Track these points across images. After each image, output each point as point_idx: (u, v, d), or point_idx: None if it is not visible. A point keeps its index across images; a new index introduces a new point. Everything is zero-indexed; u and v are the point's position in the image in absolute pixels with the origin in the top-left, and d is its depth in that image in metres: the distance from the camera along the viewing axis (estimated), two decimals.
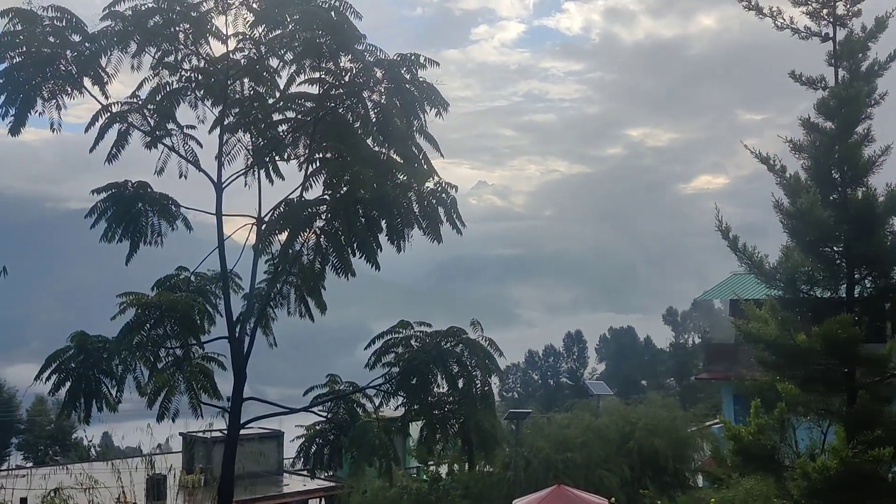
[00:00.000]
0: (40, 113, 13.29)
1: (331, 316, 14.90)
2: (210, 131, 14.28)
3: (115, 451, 54.14)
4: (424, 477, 27.60)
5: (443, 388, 13.17)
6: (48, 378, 13.73)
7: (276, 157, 14.32)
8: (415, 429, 14.55)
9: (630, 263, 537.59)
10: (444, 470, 27.34)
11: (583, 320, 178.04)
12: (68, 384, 13.57)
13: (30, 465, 54.04)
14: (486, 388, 13.20)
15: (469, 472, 24.20)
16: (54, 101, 13.38)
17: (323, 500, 34.07)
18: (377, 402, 14.00)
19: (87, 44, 13.21)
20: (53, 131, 13.63)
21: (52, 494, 15.26)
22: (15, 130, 13.09)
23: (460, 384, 13.01)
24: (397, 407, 13.79)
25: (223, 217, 13.96)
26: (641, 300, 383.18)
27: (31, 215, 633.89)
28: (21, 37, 12.87)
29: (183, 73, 13.82)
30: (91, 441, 63.60)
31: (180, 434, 32.05)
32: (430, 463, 27.57)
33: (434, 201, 12.87)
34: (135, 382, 13.74)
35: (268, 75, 13.80)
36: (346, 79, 12.87)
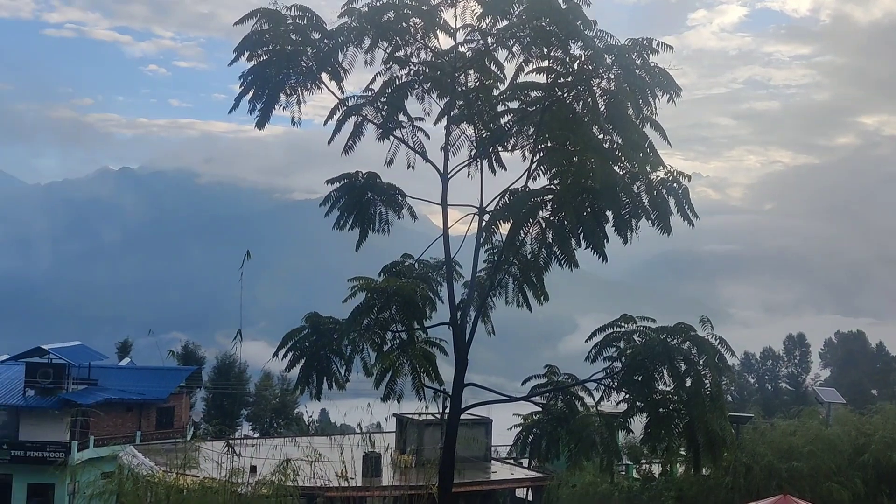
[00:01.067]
0: (284, 107, 14.27)
1: (534, 307, 14.91)
2: (435, 123, 14.70)
3: (331, 427, 57.60)
4: (636, 475, 26.93)
5: (668, 385, 12.74)
6: (284, 356, 14.72)
7: (500, 148, 14.47)
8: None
9: (861, 262, 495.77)
10: (656, 469, 26.53)
11: (805, 322, 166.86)
12: (302, 362, 14.48)
13: (256, 435, 58.43)
14: (716, 389, 12.61)
15: (685, 475, 23.30)
16: (294, 96, 14.29)
17: (530, 490, 34.19)
18: (597, 396, 13.78)
19: (325, 40, 13.99)
20: (294, 124, 14.56)
21: (285, 464, 16.38)
22: (261, 124, 14.11)
23: (687, 383, 12.52)
24: (618, 403, 13.52)
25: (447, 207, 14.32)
26: (873, 302, 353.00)
27: (262, 205, 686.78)
28: (268, 36, 13.84)
29: (412, 66, 14.31)
30: (311, 416, 67.87)
31: (394, 415, 33.34)
32: (641, 461, 26.85)
33: (664, 191, 12.45)
34: (362, 363, 14.44)
35: (494, 66, 13.96)
36: (575, 67, 12.73)
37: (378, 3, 13.45)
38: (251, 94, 13.93)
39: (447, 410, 14.76)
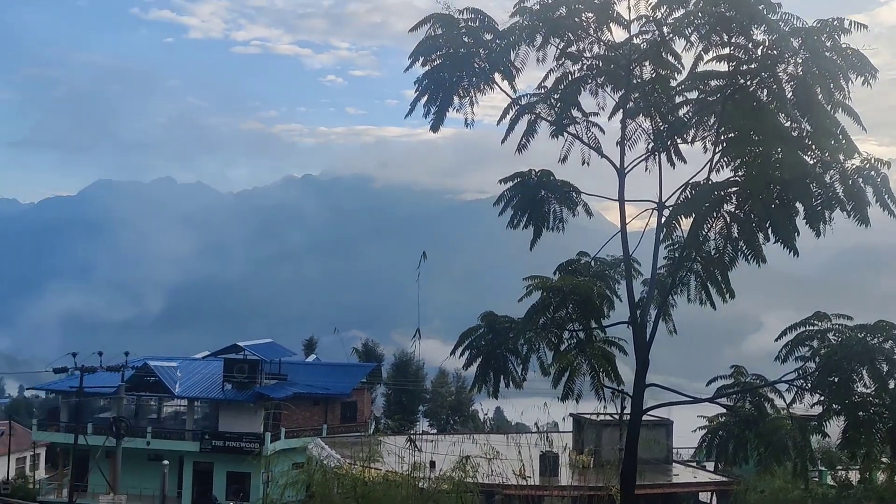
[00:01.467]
0: (457, 109, 14.49)
1: (718, 305, 14.28)
2: (610, 117, 14.42)
3: (506, 425, 57.94)
4: (830, 482, 25.30)
5: (868, 387, 11.84)
6: (461, 354, 14.92)
7: (679, 140, 14.00)
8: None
9: None
10: (854, 477, 24.79)
11: None
12: (479, 360, 14.63)
13: (434, 431, 59.73)
14: None
15: (887, 483, 21.64)
16: (468, 97, 14.47)
17: (714, 494, 32.91)
18: (788, 397, 13.04)
19: (497, 41, 14.08)
20: (467, 126, 14.74)
21: (464, 461, 16.62)
22: (435, 127, 14.39)
23: (890, 385, 11.59)
24: (812, 405, 12.72)
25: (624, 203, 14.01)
26: None
27: (435, 206, 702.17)
28: (441, 40, 14.09)
29: (585, 61, 14.12)
30: (486, 414, 68.63)
31: (571, 415, 33.06)
32: (837, 468, 25.18)
33: (860, 180, 11.57)
34: (538, 362, 14.40)
35: (671, 57, 13.53)
36: (759, 53, 12.10)
37: (550, 0, 13.38)
38: (425, 98, 14.21)
39: (626, 411, 14.43)
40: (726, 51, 12.48)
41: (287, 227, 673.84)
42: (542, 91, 14.32)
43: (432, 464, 14.32)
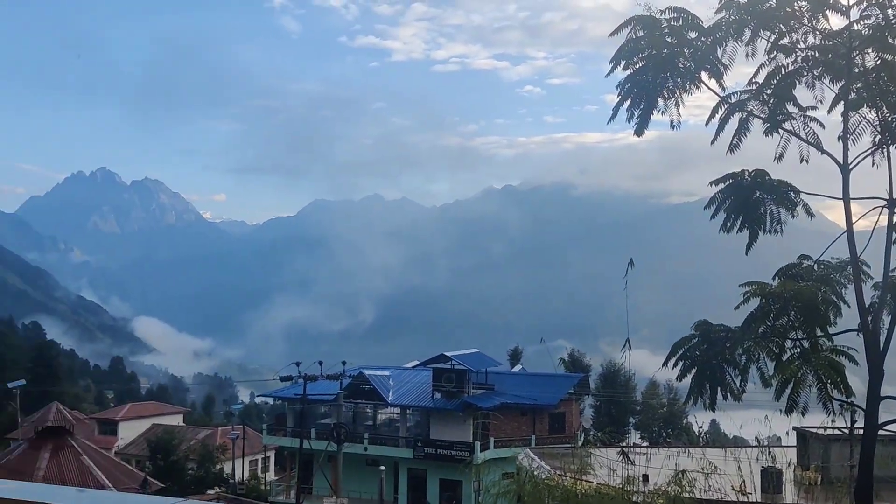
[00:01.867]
0: (662, 112, 14.13)
1: None
2: (830, 111, 13.52)
3: (723, 438, 55.33)
4: None
5: None
6: (674, 365, 14.47)
7: None
8: None
9: None
10: None
11: None
12: (693, 371, 14.11)
13: (645, 444, 58.11)
14: None
15: None
16: (672, 98, 14.07)
17: None
18: None
19: (702, 38, 13.61)
20: (673, 128, 14.35)
21: (680, 475, 16.06)
22: (640, 131, 14.11)
23: None
24: None
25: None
26: None
27: (639, 211, 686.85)
28: (643, 42, 13.82)
29: (798, 53, 13.33)
30: (701, 427, 65.98)
31: (794, 428, 31.04)
32: None
33: None
34: (758, 373, 13.69)
35: None
36: None
37: None
38: (628, 102, 14.00)
39: (857, 425, 13.38)
40: None
41: (489, 237, 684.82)
42: (753, 87, 13.67)
43: (645, 477, 13.99)
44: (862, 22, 12.75)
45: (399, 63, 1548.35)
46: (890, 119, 12.94)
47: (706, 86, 13.79)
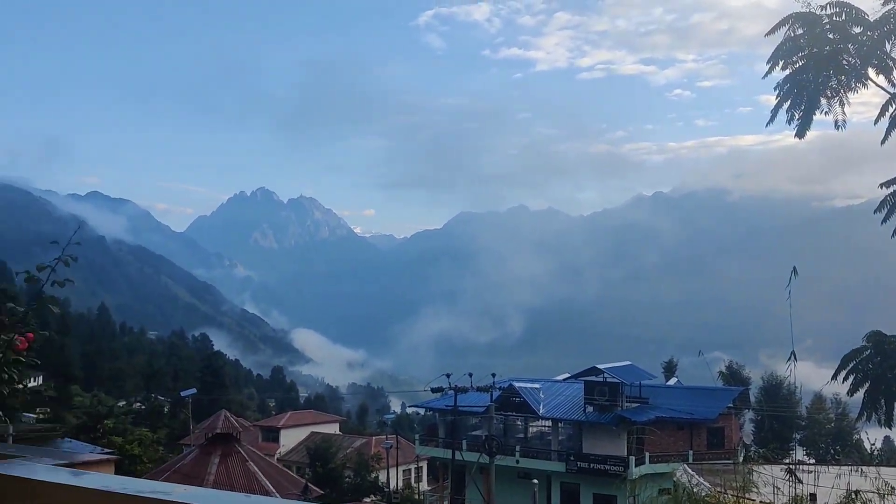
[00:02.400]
0: (824, 112, 13.46)
1: None
2: None
3: None
4: None
5: None
6: (844, 378, 13.71)
7: None
8: None
9: None
10: None
11: None
12: (866, 385, 13.33)
13: (811, 461, 55.01)
14: None
15: None
16: (836, 98, 13.38)
17: None
18: None
19: (868, 33, 12.88)
20: (837, 128, 13.65)
21: (853, 496, 15.16)
22: (801, 132, 13.48)
23: None
24: None
25: None
26: None
27: (799, 215, 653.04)
28: (802, 40, 13.22)
29: None
30: (874, 444, 61.76)
31: None
32: None
33: None
34: None
35: None
36: None
37: None
38: (788, 103, 13.46)
39: None
40: None
41: (640, 246, 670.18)
42: None
43: (813, 497, 13.28)
44: None
45: (543, 73, 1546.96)
46: None
47: (874, 83, 13.04)
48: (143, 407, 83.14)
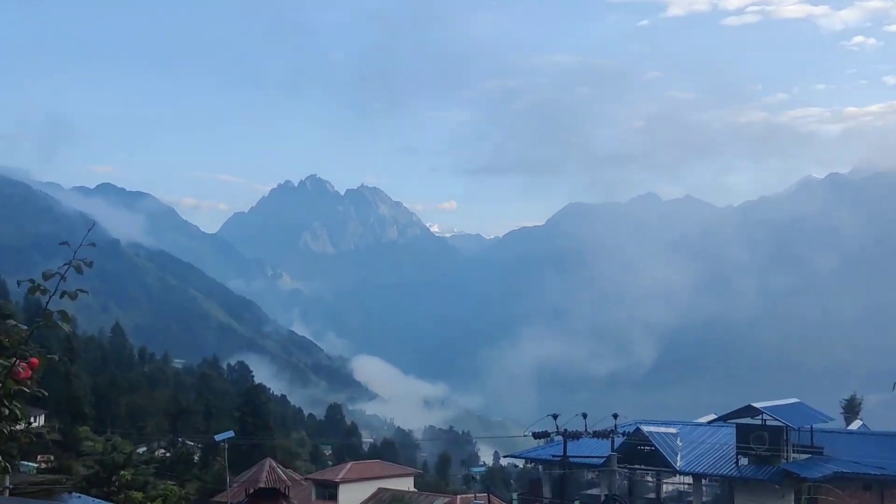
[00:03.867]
0: None
1: None
2: None
3: None
4: None
5: None
6: None
7: None
8: None
9: None
10: None
11: None
12: None
13: None
14: None
15: None
16: None
17: None
18: None
19: None
20: None
21: None
22: None
23: None
24: None
25: None
26: None
27: None
28: None
29: None
30: None
31: None
32: None
33: None
34: None
35: None
36: None
37: None
38: None
39: None
40: None
41: (811, 246, 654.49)
42: None
43: None
44: None
45: (677, 19, 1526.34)
46: None
47: None
48: (167, 454, 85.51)
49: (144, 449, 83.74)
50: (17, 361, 3.91)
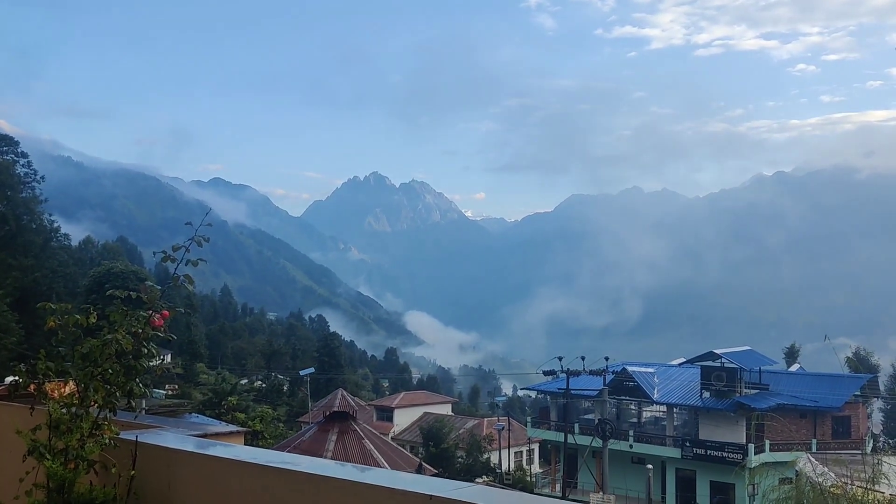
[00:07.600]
0: None
1: None
2: None
3: None
4: None
5: None
6: None
7: None
8: None
9: None
10: None
11: None
12: None
13: None
14: None
15: None
16: None
17: None
18: None
19: None
20: None
21: None
22: None
23: None
24: None
25: None
26: None
27: None
28: None
29: None
30: None
31: None
32: None
33: None
34: None
35: None
36: None
37: None
38: None
39: None
40: None
41: (762, 228, 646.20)
42: None
43: None
44: None
45: (658, 51, 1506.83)
46: None
47: None
48: (263, 385, 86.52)
49: (246, 381, 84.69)
50: (153, 313, 4.14)
